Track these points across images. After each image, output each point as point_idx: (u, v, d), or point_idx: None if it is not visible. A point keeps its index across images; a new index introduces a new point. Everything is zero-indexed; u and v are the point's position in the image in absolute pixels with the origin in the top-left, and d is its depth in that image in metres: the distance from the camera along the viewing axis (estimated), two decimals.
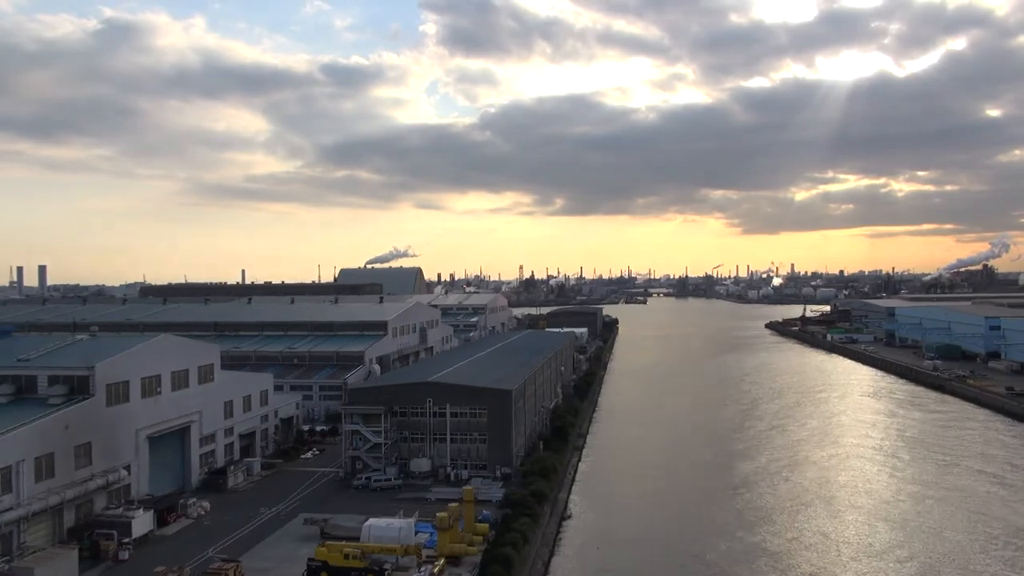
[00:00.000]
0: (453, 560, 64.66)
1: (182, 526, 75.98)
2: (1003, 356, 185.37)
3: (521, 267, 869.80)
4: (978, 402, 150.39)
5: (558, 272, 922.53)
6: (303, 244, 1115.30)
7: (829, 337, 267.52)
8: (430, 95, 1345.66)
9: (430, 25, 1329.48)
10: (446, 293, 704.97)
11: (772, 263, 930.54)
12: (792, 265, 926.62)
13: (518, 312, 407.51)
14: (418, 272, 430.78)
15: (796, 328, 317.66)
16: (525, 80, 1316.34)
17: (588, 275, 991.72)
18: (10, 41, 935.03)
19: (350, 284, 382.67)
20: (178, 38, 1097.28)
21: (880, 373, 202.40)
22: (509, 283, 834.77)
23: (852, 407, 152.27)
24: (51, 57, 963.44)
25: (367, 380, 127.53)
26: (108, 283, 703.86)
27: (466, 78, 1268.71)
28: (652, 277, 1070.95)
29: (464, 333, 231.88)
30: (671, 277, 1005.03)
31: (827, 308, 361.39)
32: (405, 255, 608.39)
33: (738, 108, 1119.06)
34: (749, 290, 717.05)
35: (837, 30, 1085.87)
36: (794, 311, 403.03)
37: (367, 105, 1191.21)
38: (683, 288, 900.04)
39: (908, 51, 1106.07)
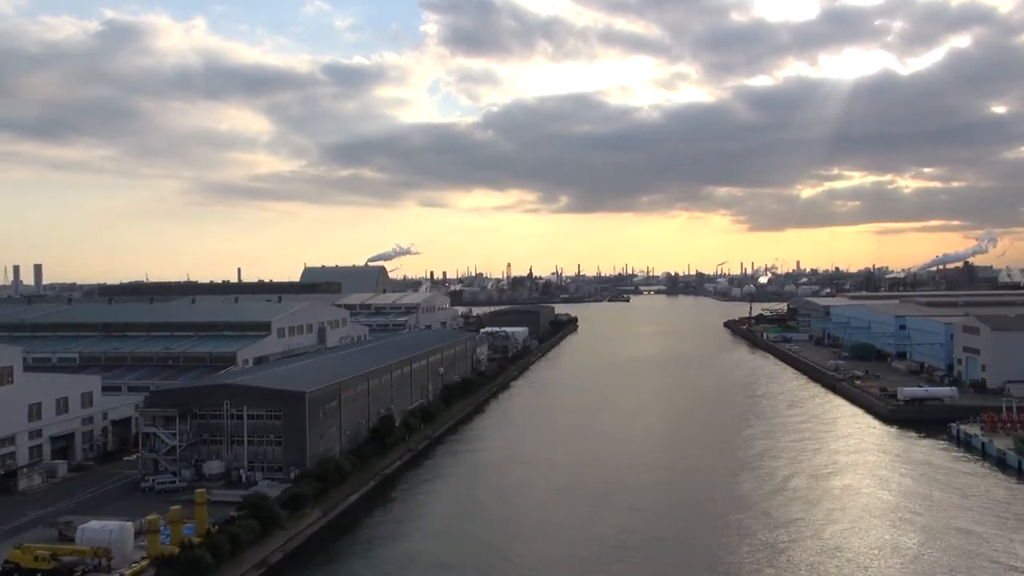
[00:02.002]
0: (164, 562, 65.47)
1: None
2: (908, 356, 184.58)
3: (509, 265, 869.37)
4: (855, 401, 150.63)
5: (556, 269, 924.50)
6: (308, 242, 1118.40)
7: (765, 336, 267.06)
8: (432, 94, 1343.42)
9: (431, 25, 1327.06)
10: (428, 291, 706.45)
11: (775, 259, 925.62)
12: (798, 262, 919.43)
13: (483, 311, 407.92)
14: (380, 271, 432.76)
15: (745, 327, 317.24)
16: (527, 79, 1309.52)
17: (590, 272, 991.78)
18: (12, 43, 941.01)
19: (310, 283, 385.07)
20: (179, 39, 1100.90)
21: (792, 372, 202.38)
22: (500, 281, 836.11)
23: (739, 411, 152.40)
24: (53, 59, 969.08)
25: None
26: (109, 281, 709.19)
27: (468, 78, 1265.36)
28: (651, 274, 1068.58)
29: (393, 333, 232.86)
30: (670, 275, 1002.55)
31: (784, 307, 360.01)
32: (408, 253, 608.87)
33: (741, 106, 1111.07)
34: (733, 288, 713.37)
35: (840, 28, 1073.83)
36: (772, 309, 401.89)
37: (369, 105, 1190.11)
38: (673, 286, 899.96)
39: (912, 49, 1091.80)
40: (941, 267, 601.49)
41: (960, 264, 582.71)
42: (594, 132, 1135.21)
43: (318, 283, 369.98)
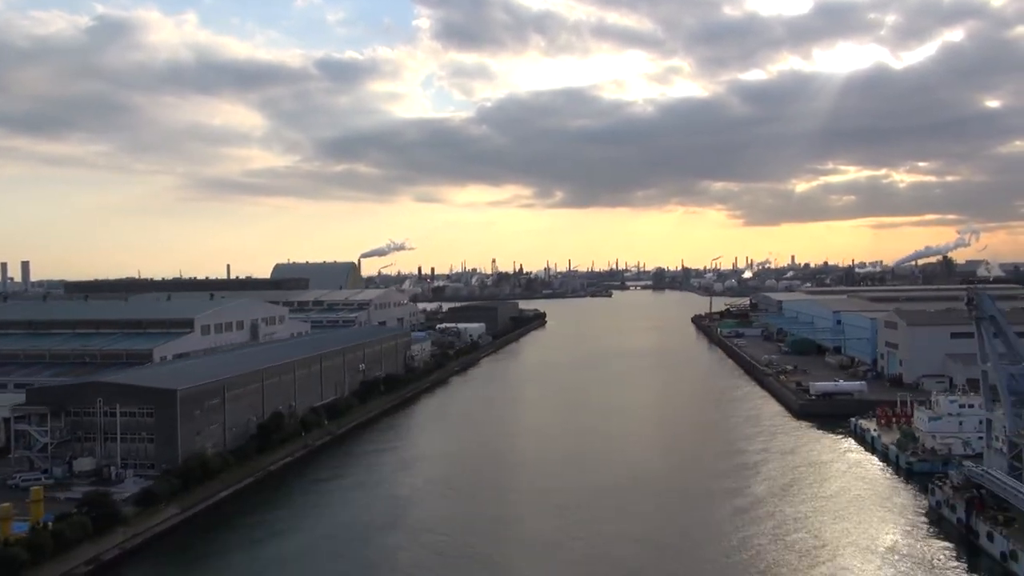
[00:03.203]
0: None
1: None
2: (843, 350, 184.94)
3: (494, 260, 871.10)
4: (775, 395, 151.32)
5: (548, 264, 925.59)
6: (302, 238, 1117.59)
7: (719, 331, 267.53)
8: (426, 89, 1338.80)
9: (423, 19, 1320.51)
10: (412, 286, 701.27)
11: (770, 254, 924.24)
12: (792, 257, 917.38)
13: (454, 306, 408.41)
14: (351, 267, 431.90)
15: (706, 322, 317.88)
16: (520, 74, 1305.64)
17: (583, 268, 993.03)
18: (2, 38, 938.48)
19: (278, 279, 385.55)
20: (171, 34, 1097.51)
21: (733, 366, 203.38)
22: (485, 276, 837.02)
23: (659, 406, 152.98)
24: (44, 54, 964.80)
25: None
26: (100, 278, 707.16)
27: (461, 72, 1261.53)
28: (642, 269, 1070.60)
29: (343, 329, 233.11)
30: (659, 270, 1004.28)
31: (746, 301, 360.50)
32: (402, 248, 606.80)
33: (735, 101, 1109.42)
34: (716, 284, 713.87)
35: (833, 22, 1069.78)
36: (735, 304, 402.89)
37: (363, 99, 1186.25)
38: (660, 281, 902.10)
39: (905, 43, 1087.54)
40: (936, 260, 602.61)
41: (940, 258, 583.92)
42: (588, 127, 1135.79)
43: (286, 280, 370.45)
